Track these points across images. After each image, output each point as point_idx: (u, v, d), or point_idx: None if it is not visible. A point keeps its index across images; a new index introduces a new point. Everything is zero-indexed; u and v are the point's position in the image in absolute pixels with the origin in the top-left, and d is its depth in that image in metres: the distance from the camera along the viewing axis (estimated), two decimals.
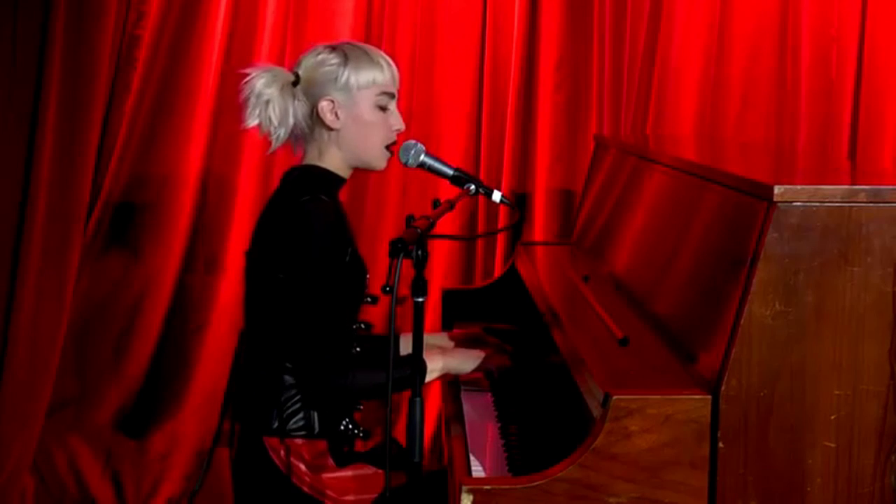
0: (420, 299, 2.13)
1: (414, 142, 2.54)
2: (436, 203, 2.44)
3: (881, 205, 2.05)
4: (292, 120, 2.57)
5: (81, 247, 3.94)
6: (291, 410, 2.51)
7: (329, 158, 2.61)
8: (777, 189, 2.04)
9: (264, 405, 2.53)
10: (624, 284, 2.73)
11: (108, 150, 3.95)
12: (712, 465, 2.03)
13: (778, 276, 2.03)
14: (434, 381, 2.68)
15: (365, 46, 2.65)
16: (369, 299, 2.66)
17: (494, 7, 4.06)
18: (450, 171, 2.55)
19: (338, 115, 2.58)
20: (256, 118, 2.56)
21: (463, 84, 4.07)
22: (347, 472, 2.54)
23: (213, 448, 2.70)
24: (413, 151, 2.52)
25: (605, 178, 3.37)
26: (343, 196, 3.70)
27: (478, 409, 2.72)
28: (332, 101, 2.57)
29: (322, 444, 2.53)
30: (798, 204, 2.04)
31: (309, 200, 2.47)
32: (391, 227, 4.03)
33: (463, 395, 2.79)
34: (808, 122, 4.04)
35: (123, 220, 4.03)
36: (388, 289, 2.46)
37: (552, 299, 2.76)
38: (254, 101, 2.55)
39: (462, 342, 2.93)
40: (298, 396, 2.52)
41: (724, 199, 2.28)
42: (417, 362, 2.13)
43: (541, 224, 4.06)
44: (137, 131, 3.98)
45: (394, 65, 2.64)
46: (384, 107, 2.61)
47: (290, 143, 2.63)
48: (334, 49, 2.61)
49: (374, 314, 3.73)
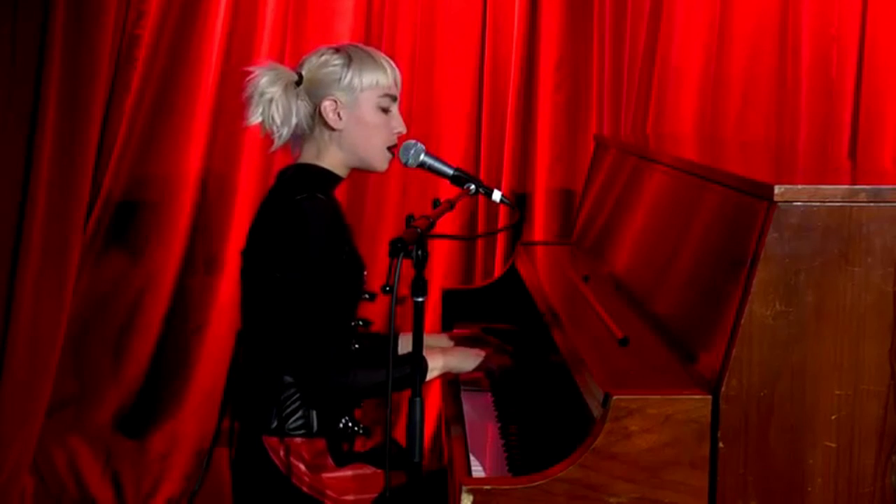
0: (420, 299, 2.12)
1: (414, 141, 2.54)
2: (436, 203, 2.44)
3: (881, 204, 2.04)
4: (295, 119, 2.57)
5: (81, 246, 3.94)
6: (290, 410, 2.51)
7: (328, 158, 2.60)
8: (777, 189, 2.03)
9: (263, 405, 2.52)
10: (624, 284, 2.73)
11: (108, 150, 3.95)
12: (712, 465, 2.03)
13: (778, 276, 2.02)
14: (434, 380, 2.68)
15: (368, 49, 2.65)
16: (367, 296, 2.66)
17: (494, 7, 4.05)
18: (450, 171, 2.55)
19: (340, 115, 2.58)
20: (259, 116, 2.56)
21: (463, 84, 4.07)
22: (347, 472, 2.54)
23: (212, 448, 2.70)
24: (413, 151, 2.52)
25: (606, 178, 3.37)
26: (343, 196, 3.71)
27: (478, 409, 2.72)
28: (335, 101, 2.57)
29: (321, 444, 2.53)
30: (798, 204, 2.04)
31: (304, 199, 2.47)
32: (391, 227, 4.03)
33: (463, 395, 2.79)
34: (808, 121, 4.03)
35: (123, 219, 4.03)
36: (388, 288, 2.45)
37: (552, 299, 2.76)
38: (257, 99, 2.55)
39: (462, 342, 2.93)
40: (297, 395, 2.52)
41: (724, 198, 2.27)
42: (417, 362, 2.13)
43: (541, 224, 4.06)
44: (137, 131, 3.97)
45: (396, 68, 2.64)
46: (386, 109, 2.61)
47: (288, 143, 2.63)
48: (338, 50, 2.61)
49: (373, 313, 3.73)
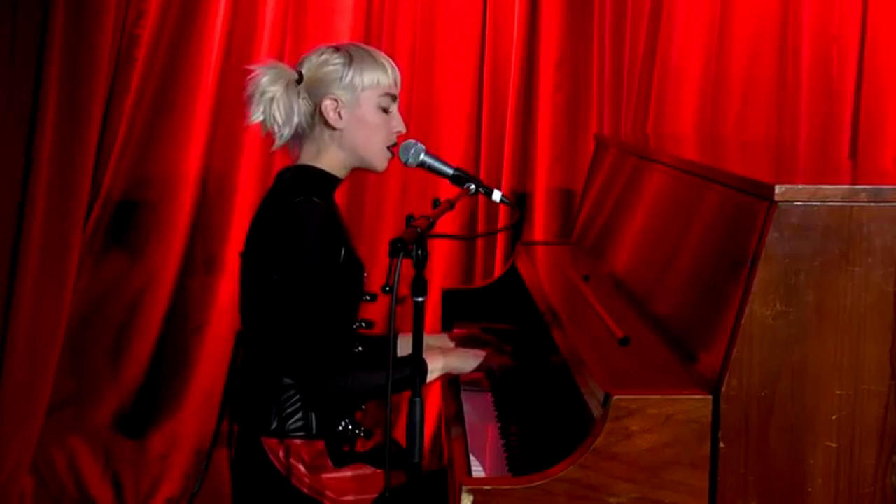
0: (420, 299, 2.12)
1: (414, 141, 2.54)
2: (436, 202, 2.44)
3: (882, 204, 2.04)
4: (297, 118, 2.56)
5: (81, 246, 3.94)
6: (290, 411, 2.51)
7: (328, 158, 2.60)
8: (778, 188, 2.03)
9: (263, 406, 2.52)
10: (624, 284, 2.73)
11: (108, 149, 3.94)
12: (713, 465, 2.02)
13: (779, 276, 2.02)
14: (435, 381, 2.67)
15: (368, 48, 2.65)
16: (368, 297, 2.65)
17: (494, 7, 4.05)
18: (450, 171, 2.55)
19: (340, 114, 2.58)
20: (260, 115, 2.56)
21: (463, 84, 4.07)
22: (347, 473, 2.54)
23: (211, 449, 2.70)
24: (413, 151, 2.52)
25: (606, 178, 3.37)
26: (342, 196, 3.71)
27: (478, 409, 2.72)
28: (336, 100, 2.57)
29: (320, 445, 2.53)
30: (799, 203, 2.03)
31: (301, 202, 2.46)
32: (391, 227, 4.02)
33: (463, 395, 2.79)
34: (808, 121, 4.03)
35: (123, 219, 4.02)
36: (388, 288, 2.45)
37: (552, 299, 2.76)
38: (258, 98, 2.55)
39: (462, 342, 2.93)
40: (297, 397, 2.51)
41: (724, 198, 2.27)
42: (417, 362, 2.12)
43: (541, 224, 4.06)
44: (137, 130, 3.97)
45: (396, 67, 2.64)
46: (386, 108, 2.61)
47: (288, 143, 2.62)
48: (338, 49, 2.61)
49: (374, 313, 3.72)
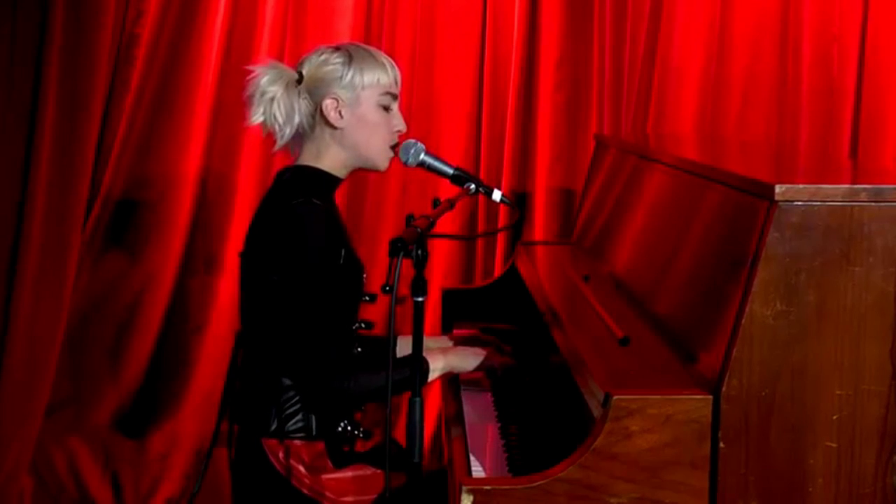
0: (420, 299, 2.12)
1: (414, 141, 2.54)
2: (436, 202, 2.44)
3: (883, 204, 2.04)
4: (298, 118, 2.56)
5: (80, 245, 3.93)
6: (290, 412, 2.50)
7: (328, 158, 2.59)
8: (778, 188, 2.03)
9: (262, 406, 2.52)
10: (624, 284, 2.72)
11: (107, 149, 3.94)
12: (713, 465, 2.02)
13: (779, 276, 2.02)
14: (435, 381, 2.67)
15: (368, 47, 2.65)
16: (367, 298, 2.65)
17: (494, 7, 4.05)
18: (450, 171, 2.55)
19: (341, 114, 2.57)
20: (261, 115, 2.55)
21: (463, 84, 4.07)
22: (347, 473, 2.53)
23: (210, 449, 2.69)
24: (413, 150, 2.52)
25: (606, 178, 3.37)
26: (342, 196, 3.70)
27: (478, 409, 2.72)
28: (337, 99, 2.56)
29: (320, 446, 2.52)
30: (799, 203, 2.03)
31: (300, 203, 2.45)
32: (391, 227, 4.02)
33: (463, 395, 2.79)
34: (809, 120, 4.03)
35: (122, 218, 4.02)
36: (388, 288, 2.45)
37: (552, 299, 2.76)
38: (258, 99, 2.54)
39: (462, 343, 2.93)
40: (297, 398, 2.51)
41: (724, 198, 2.27)
42: (417, 362, 2.12)
43: (541, 224, 4.06)
44: (136, 130, 3.97)
45: (396, 66, 2.63)
46: (387, 107, 2.60)
47: (287, 143, 2.62)
48: (338, 49, 2.60)
49: (374, 313, 3.73)
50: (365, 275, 2.63)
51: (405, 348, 2.70)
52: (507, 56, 4.05)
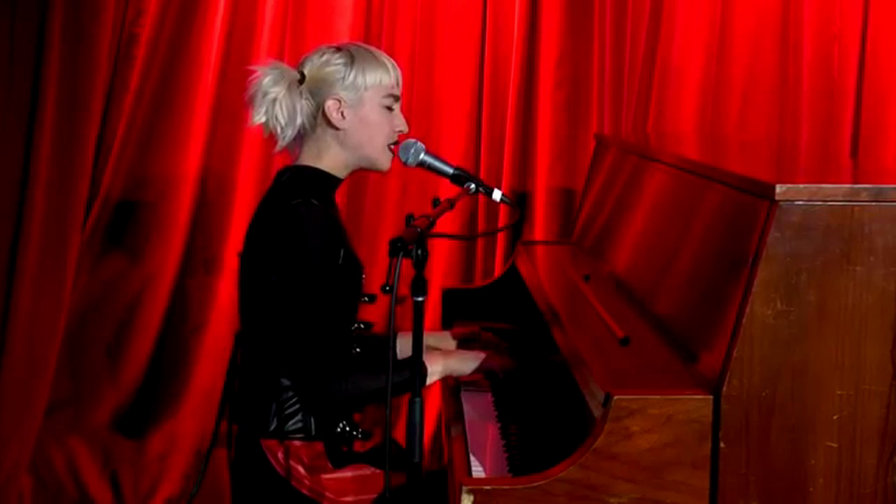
0: (420, 299, 2.11)
1: (414, 140, 2.53)
2: (436, 202, 2.43)
3: (883, 204, 2.04)
4: (300, 119, 2.55)
5: (80, 245, 3.93)
6: (289, 412, 2.50)
7: (329, 158, 2.59)
8: (779, 188, 2.03)
9: (262, 407, 2.51)
10: (625, 284, 2.72)
11: (107, 149, 3.94)
12: (714, 465, 2.02)
13: (779, 276, 2.01)
14: (434, 383, 2.66)
15: (369, 47, 2.64)
16: (366, 298, 2.64)
17: (494, 6, 4.04)
18: (450, 170, 2.54)
19: (344, 114, 2.56)
20: (263, 116, 2.55)
21: (463, 83, 4.06)
22: (346, 473, 2.53)
23: (210, 450, 2.69)
24: (413, 150, 2.51)
25: (606, 177, 3.36)
26: (342, 196, 3.69)
27: (478, 409, 2.71)
28: (339, 100, 2.56)
29: (320, 446, 2.52)
30: (800, 203, 2.03)
31: (300, 204, 2.45)
32: (391, 227, 4.02)
33: (463, 395, 2.78)
34: (809, 120, 4.03)
35: (122, 218, 4.02)
36: (387, 288, 2.45)
37: (553, 299, 2.75)
38: (260, 99, 2.54)
39: (462, 341, 2.92)
40: (296, 398, 2.51)
41: (725, 198, 2.27)
42: (417, 362, 2.11)
43: (541, 223, 4.05)
44: (136, 130, 3.96)
45: (397, 66, 2.63)
46: (389, 107, 2.60)
47: (287, 143, 2.61)
48: (339, 49, 2.60)
49: (374, 313, 3.72)
50: (364, 275, 2.62)
51: (406, 346, 2.70)
52: (507, 55, 4.04)
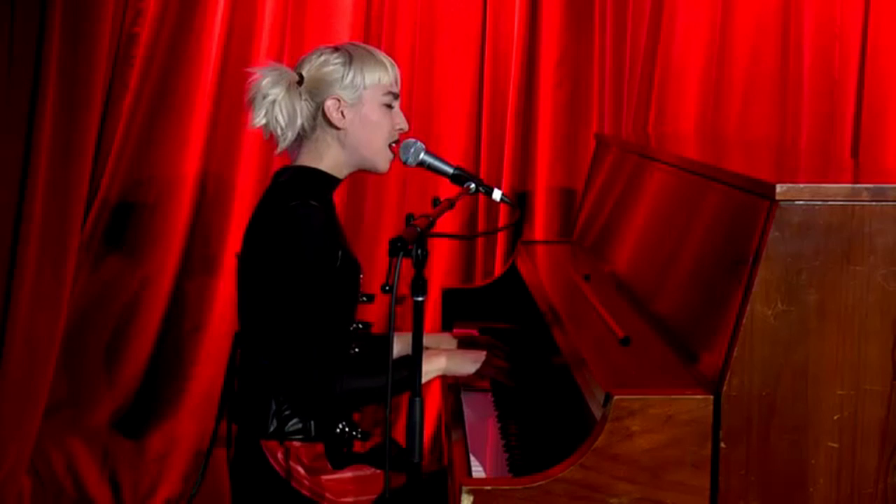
0: (420, 298, 2.11)
1: (414, 140, 2.53)
2: (436, 201, 2.43)
3: (884, 203, 2.04)
4: (300, 120, 2.55)
5: (79, 247, 3.93)
6: (288, 413, 2.49)
7: (329, 158, 2.58)
8: (779, 187, 2.02)
9: (261, 408, 2.51)
10: (625, 283, 2.72)
11: (106, 150, 3.93)
12: (714, 465, 2.02)
13: (780, 275, 2.01)
14: (431, 381, 2.65)
15: (367, 47, 2.64)
16: (364, 299, 2.64)
17: (494, 6, 4.04)
18: (450, 170, 2.54)
19: (343, 114, 2.56)
20: (263, 118, 2.54)
21: (463, 83, 4.06)
22: (346, 474, 2.53)
23: (209, 450, 2.68)
24: (413, 150, 2.51)
25: (606, 177, 3.36)
26: (342, 196, 3.69)
27: (478, 409, 2.71)
28: (339, 99, 2.55)
29: (319, 447, 2.52)
30: (800, 202, 2.03)
31: (299, 205, 2.44)
32: (391, 226, 4.01)
33: (463, 395, 2.78)
34: (810, 120, 4.03)
35: (121, 220, 4.01)
36: (387, 288, 2.44)
37: (553, 298, 2.75)
38: (260, 101, 2.53)
39: (463, 344, 2.92)
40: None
41: (725, 197, 2.26)
42: (418, 362, 2.11)
43: (541, 223, 4.05)
44: (135, 131, 3.96)
45: (396, 65, 2.63)
46: (389, 105, 2.59)
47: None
48: (337, 49, 2.59)
49: (373, 313, 3.72)
50: (362, 276, 2.62)
51: (406, 345, 2.69)
52: (507, 55, 4.04)
